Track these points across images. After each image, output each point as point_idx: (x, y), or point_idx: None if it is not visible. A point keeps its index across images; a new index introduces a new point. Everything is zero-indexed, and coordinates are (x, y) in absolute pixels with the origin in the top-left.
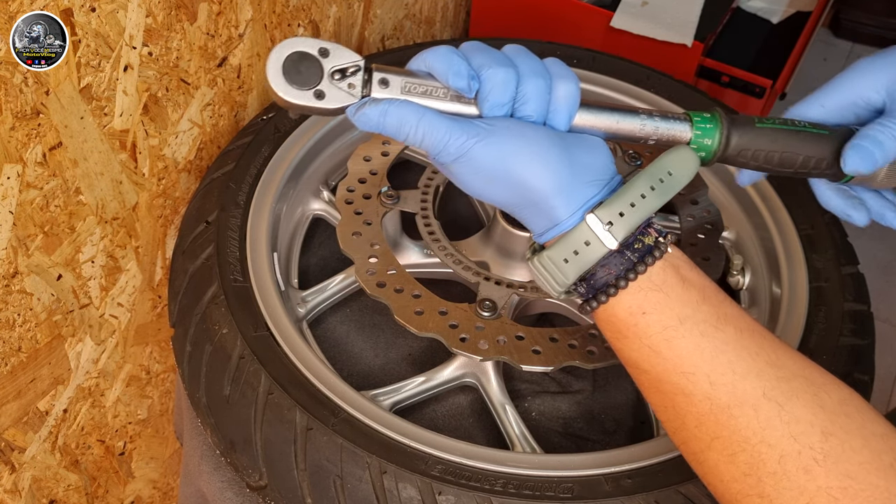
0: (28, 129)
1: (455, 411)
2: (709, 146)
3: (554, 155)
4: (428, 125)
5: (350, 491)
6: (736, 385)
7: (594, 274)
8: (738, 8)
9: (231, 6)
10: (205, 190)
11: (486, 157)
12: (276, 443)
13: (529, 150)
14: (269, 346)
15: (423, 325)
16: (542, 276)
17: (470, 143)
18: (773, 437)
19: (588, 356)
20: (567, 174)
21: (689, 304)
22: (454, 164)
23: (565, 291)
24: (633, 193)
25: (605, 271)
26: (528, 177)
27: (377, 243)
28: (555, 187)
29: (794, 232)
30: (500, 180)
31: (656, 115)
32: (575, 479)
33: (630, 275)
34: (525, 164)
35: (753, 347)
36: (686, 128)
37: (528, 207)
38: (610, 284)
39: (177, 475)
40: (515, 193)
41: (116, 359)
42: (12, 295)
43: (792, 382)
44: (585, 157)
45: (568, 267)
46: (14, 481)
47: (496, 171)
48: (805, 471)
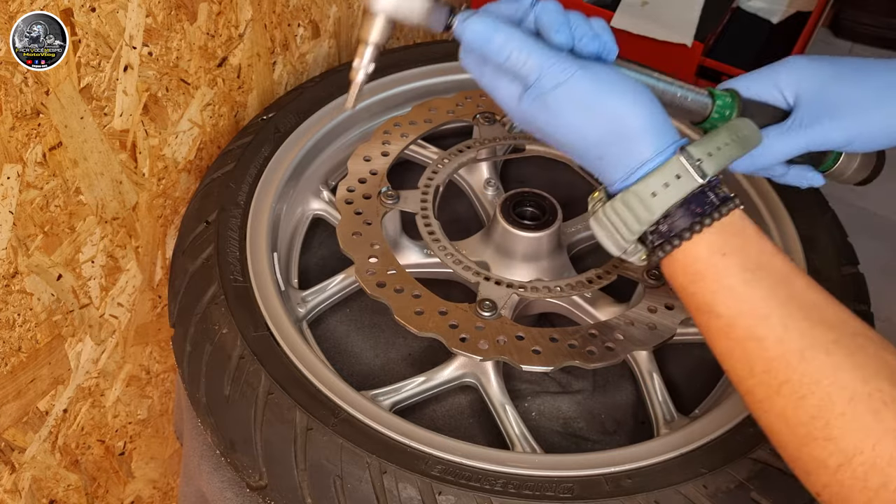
0: (28, 129)
1: (455, 411)
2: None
3: (647, 94)
4: (535, 46)
5: (350, 491)
6: (808, 330)
7: (672, 215)
8: (738, 8)
9: (231, 6)
10: (205, 190)
11: (585, 86)
12: (276, 443)
13: (624, 85)
14: (269, 346)
15: (423, 325)
16: (616, 222)
17: (573, 68)
18: (845, 379)
19: (588, 356)
20: (659, 112)
21: (764, 252)
22: (553, 91)
23: (638, 238)
24: (719, 139)
25: (686, 211)
26: (624, 110)
27: (377, 243)
28: (648, 123)
29: (793, 232)
30: (595, 112)
31: (686, 86)
32: (575, 479)
33: (715, 214)
34: (621, 96)
35: (821, 302)
36: (708, 102)
37: (616, 145)
38: (695, 222)
39: (177, 475)
40: (607, 128)
41: (116, 359)
42: (12, 295)
43: (857, 338)
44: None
45: (655, 201)
46: (14, 481)
47: (593, 102)
48: (874, 412)
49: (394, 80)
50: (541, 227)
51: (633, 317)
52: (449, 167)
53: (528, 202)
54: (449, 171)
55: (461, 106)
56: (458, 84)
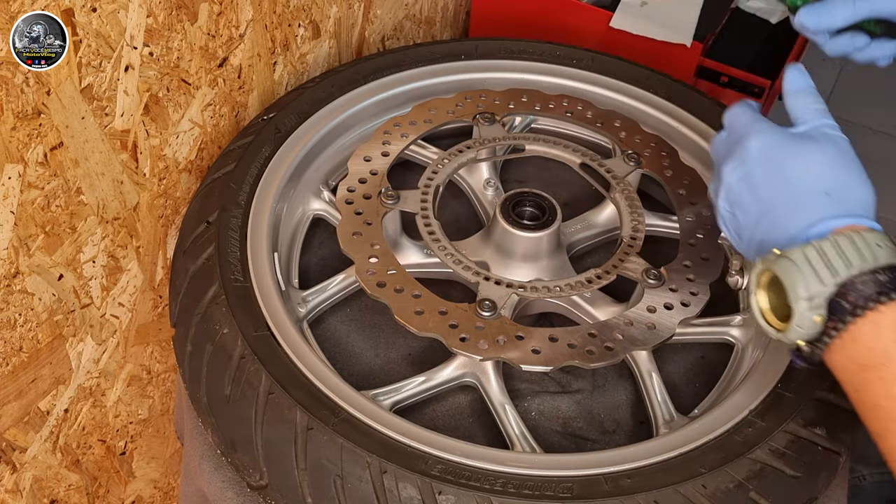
0: (29, 129)
1: (455, 411)
2: None
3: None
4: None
5: (350, 490)
6: None
7: (853, 284)
8: (737, 8)
9: (232, 6)
10: (205, 190)
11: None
12: (277, 442)
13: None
14: (269, 346)
15: (423, 324)
16: (829, 258)
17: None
18: None
19: (587, 356)
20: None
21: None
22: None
23: (824, 299)
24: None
25: (863, 286)
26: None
27: (377, 243)
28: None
29: None
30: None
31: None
32: (574, 479)
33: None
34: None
35: None
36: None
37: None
38: (881, 293)
39: (178, 475)
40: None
41: (117, 358)
42: (13, 295)
43: None
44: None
45: (881, 252)
46: (15, 481)
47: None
48: None
49: (394, 80)
50: (540, 227)
51: (632, 317)
52: (449, 167)
53: (528, 202)
54: (449, 171)
55: (461, 106)
56: (458, 84)
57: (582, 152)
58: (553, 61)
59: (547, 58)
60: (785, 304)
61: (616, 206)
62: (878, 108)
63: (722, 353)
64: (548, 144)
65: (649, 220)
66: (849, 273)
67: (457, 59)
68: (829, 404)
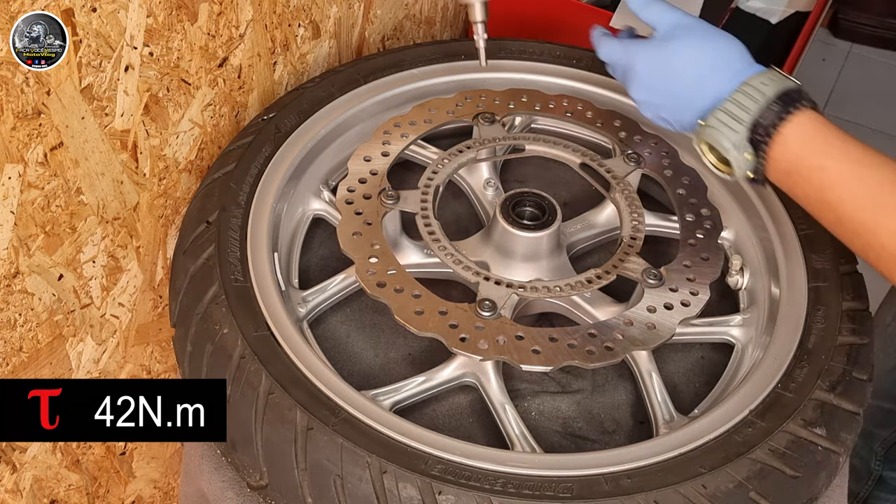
0: (29, 129)
1: (455, 411)
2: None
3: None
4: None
5: (350, 490)
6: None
7: (771, 107)
8: (737, 8)
9: (232, 6)
10: (206, 190)
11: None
12: (277, 442)
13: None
14: (269, 346)
15: (423, 324)
16: (734, 110)
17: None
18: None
19: (587, 356)
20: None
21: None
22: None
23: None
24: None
25: (783, 100)
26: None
27: (377, 243)
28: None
29: (792, 232)
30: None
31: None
32: (574, 479)
33: (804, 101)
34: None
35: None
36: None
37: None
38: (778, 118)
39: (178, 475)
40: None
41: (117, 359)
42: (13, 295)
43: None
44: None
45: (767, 88)
46: (15, 481)
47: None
48: None
49: (394, 80)
50: (540, 227)
51: (632, 317)
52: (449, 167)
53: (528, 202)
54: (449, 171)
55: (461, 106)
56: (458, 84)
57: (582, 152)
58: (553, 61)
59: (547, 58)
60: (722, 158)
61: (616, 206)
62: (878, 108)
63: (722, 353)
64: (548, 144)
65: (649, 220)
66: (751, 116)
67: (457, 59)
68: (829, 404)
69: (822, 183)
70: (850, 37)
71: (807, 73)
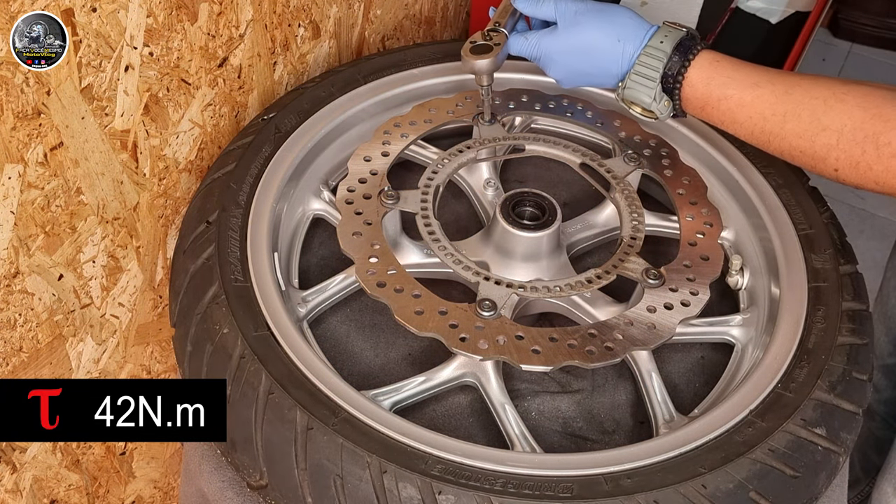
0: (29, 129)
1: (455, 411)
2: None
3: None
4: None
5: (350, 490)
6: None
7: (674, 54)
8: (737, 8)
9: (232, 6)
10: (206, 190)
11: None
12: (277, 442)
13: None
14: (269, 346)
15: (423, 324)
16: (646, 69)
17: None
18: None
19: (587, 356)
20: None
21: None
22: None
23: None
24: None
25: (682, 47)
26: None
27: (377, 243)
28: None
29: (792, 232)
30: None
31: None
32: (574, 479)
33: (701, 44)
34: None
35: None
36: None
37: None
38: (680, 67)
39: (177, 475)
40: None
41: (117, 359)
42: (13, 295)
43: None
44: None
45: (665, 44)
46: (15, 481)
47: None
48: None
49: (394, 80)
50: (540, 227)
51: (632, 317)
52: (449, 167)
53: (528, 202)
54: (449, 171)
55: (461, 106)
56: (458, 84)
57: (582, 152)
58: None
59: None
60: (645, 110)
61: (616, 206)
62: None
63: (722, 353)
64: (548, 144)
65: (649, 220)
66: (658, 72)
67: (457, 59)
68: (829, 404)
69: (730, 109)
70: (850, 37)
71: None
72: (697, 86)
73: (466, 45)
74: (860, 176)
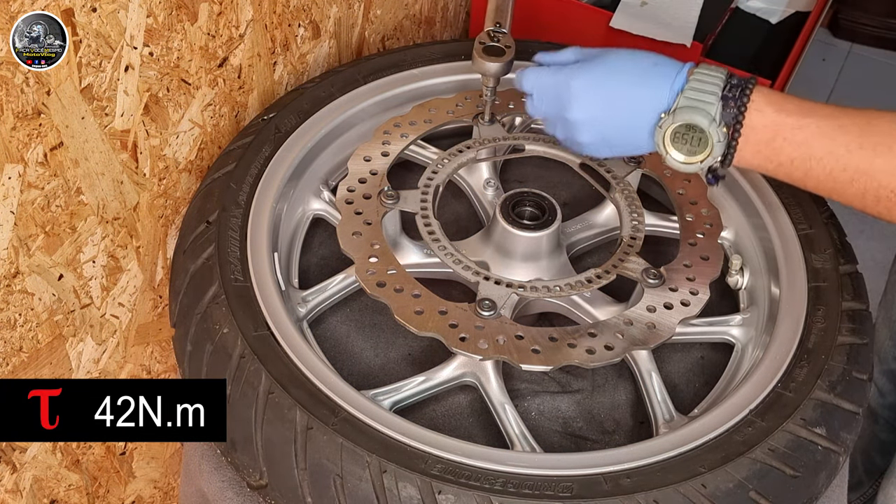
0: (29, 129)
1: (455, 411)
2: None
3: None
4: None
5: (350, 490)
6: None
7: (725, 97)
8: (737, 8)
9: (232, 6)
10: (206, 190)
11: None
12: (277, 442)
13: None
14: (269, 346)
15: (423, 324)
16: (702, 86)
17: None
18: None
19: (587, 356)
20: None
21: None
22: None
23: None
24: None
25: (732, 86)
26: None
27: (377, 243)
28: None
29: (792, 232)
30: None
31: None
32: (574, 479)
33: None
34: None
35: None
36: None
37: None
38: (746, 88)
39: (177, 475)
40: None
41: (117, 359)
42: (13, 295)
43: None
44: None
45: (716, 70)
46: (15, 481)
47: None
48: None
49: (394, 81)
50: (540, 227)
51: (632, 316)
52: (449, 167)
53: (528, 202)
54: (449, 171)
55: (461, 106)
56: (458, 84)
57: None
58: None
59: None
60: (692, 147)
61: (616, 206)
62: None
63: (722, 353)
64: (548, 144)
65: (649, 220)
66: (718, 90)
67: (457, 59)
68: (829, 404)
69: (807, 140)
70: (850, 37)
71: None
72: (767, 111)
73: (477, 47)
74: None
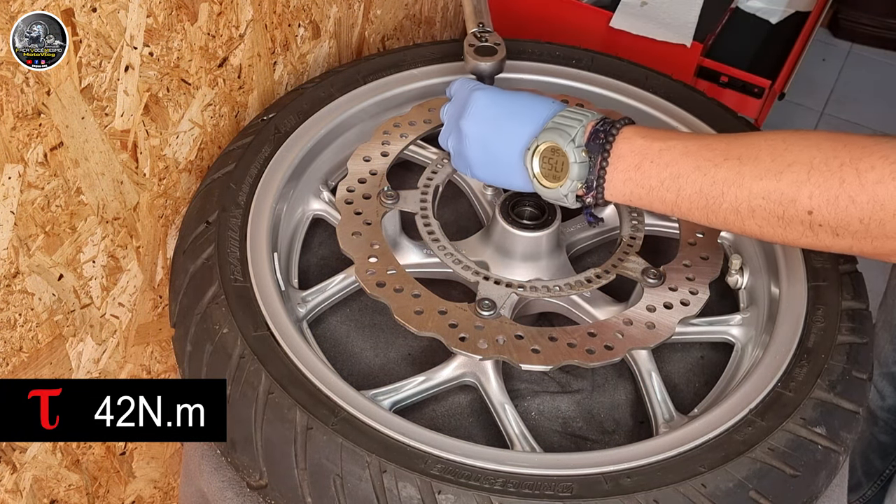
0: (29, 129)
1: (455, 411)
2: None
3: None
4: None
5: (350, 490)
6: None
7: (594, 128)
8: (737, 8)
9: (232, 6)
10: (205, 190)
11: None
12: (277, 442)
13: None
14: (269, 346)
15: (423, 324)
16: (563, 127)
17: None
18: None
19: (587, 355)
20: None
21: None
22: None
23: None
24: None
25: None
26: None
27: (377, 243)
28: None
29: None
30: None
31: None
32: (574, 478)
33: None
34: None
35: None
36: None
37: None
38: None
39: (177, 475)
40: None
41: (117, 359)
42: (13, 295)
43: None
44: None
45: (580, 114)
46: (15, 481)
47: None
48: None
49: (394, 81)
50: (540, 226)
51: (631, 316)
52: (448, 167)
53: (528, 202)
54: (448, 171)
55: None
56: None
57: None
58: (553, 61)
59: (547, 58)
60: (557, 172)
61: (616, 206)
62: (878, 108)
63: (722, 352)
64: None
65: (649, 219)
66: (587, 120)
67: (457, 60)
68: (829, 403)
69: (674, 160)
70: (850, 37)
71: (807, 73)
72: (634, 138)
73: (468, 49)
74: (840, 213)
